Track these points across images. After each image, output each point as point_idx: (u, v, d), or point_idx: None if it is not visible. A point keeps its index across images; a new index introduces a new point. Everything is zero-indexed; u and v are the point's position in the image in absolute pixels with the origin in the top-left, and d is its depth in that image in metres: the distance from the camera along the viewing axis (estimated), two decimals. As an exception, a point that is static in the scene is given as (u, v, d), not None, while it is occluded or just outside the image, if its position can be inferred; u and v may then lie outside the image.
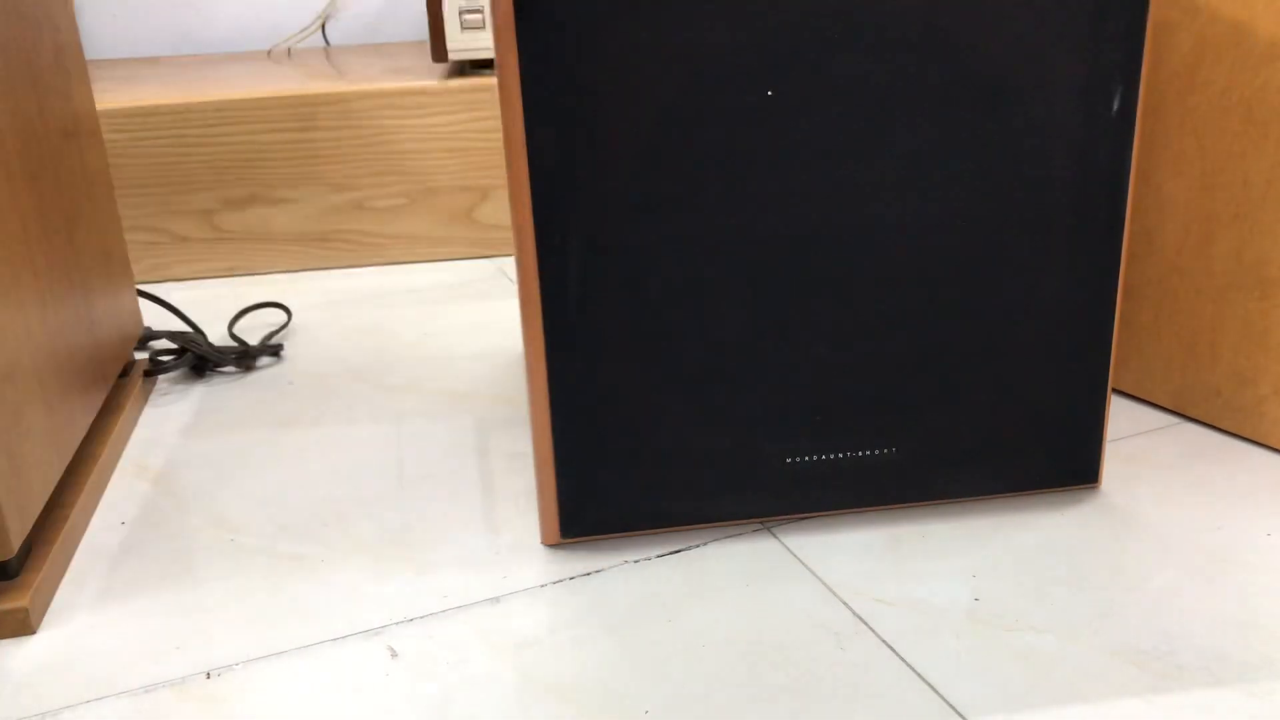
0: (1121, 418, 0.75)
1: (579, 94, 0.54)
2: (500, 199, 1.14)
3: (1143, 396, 0.77)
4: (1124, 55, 0.57)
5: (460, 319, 0.99)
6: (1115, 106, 0.58)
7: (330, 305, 1.04)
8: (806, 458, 0.62)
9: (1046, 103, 0.57)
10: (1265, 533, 0.61)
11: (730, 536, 0.63)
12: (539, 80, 0.53)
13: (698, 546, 0.62)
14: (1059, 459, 0.64)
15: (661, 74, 0.54)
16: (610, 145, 0.55)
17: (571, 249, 0.56)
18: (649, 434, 0.60)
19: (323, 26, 1.51)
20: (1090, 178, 0.59)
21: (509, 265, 1.14)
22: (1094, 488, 0.66)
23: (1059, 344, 0.61)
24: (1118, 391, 0.78)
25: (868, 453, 0.62)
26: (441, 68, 1.21)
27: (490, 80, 1.11)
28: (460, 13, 1.08)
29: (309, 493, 0.69)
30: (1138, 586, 0.57)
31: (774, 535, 0.62)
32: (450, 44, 1.10)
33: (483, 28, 1.10)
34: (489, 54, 1.11)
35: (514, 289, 1.06)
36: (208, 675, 0.53)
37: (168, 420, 0.81)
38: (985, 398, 0.62)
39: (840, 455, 0.62)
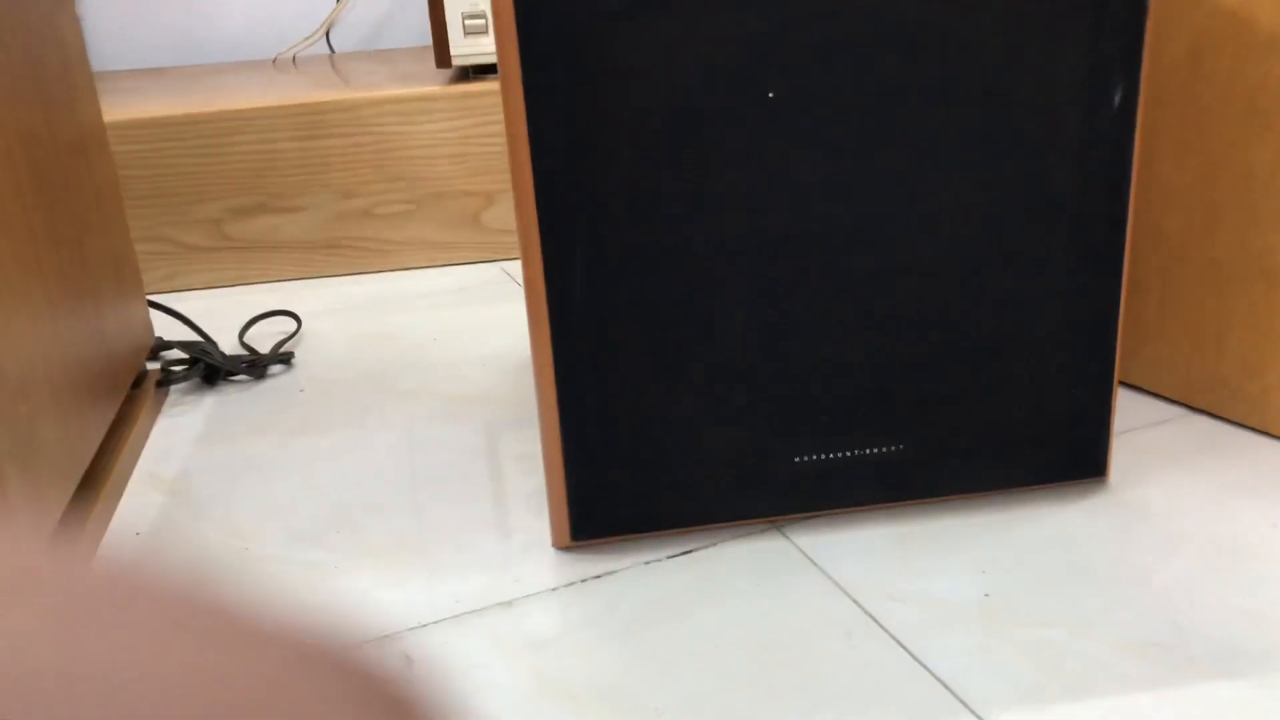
0: (1129, 410, 0.75)
1: (581, 98, 0.54)
2: (506, 203, 1.15)
3: (1150, 388, 0.77)
4: (1125, 48, 0.57)
5: (468, 323, 1.00)
6: (1117, 99, 0.58)
7: (340, 312, 1.05)
8: (815, 456, 0.62)
9: (1049, 97, 0.57)
10: (1274, 524, 0.61)
11: (741, 536, 0.63)
12: (541, 85, 0.54)
13: (708, 547, 0.62)
14: (1067, 453, 0.64)
15: (663, 77, 0.54)
16: (613, 148, 0.55)
17: (577, 252, 0.57)
18: (658, 435, 0.61)
19: (327, 34, 1.51)
20: (1094, 170, 0.59)
21: (515, 269, 1.14)
22: (1102, 481, 0.66)
23: (1065, 337, 0.61)
24: (1125, 384, 0.78)
25: (876, 450, 0.62)
26: (445, 73, 1.21)
27: (494, 85, 1.11)
28: (463, 18, 1.09)
29: (321, 500, 0.70)
30: (1147, 579, 0.57)
31: (784, 534, 0.63)
32: (453, 49, 1.10)
33: (485, 32, 1.10)
34: (492, 59, 1.11)
35: (520, 293, 1.07)
36: (224, 683, 0.54)
37: (180, 430, 0.81)
38: (992, 393, 0.62)
39: (849, 453, 0.62)
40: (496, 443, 0.76)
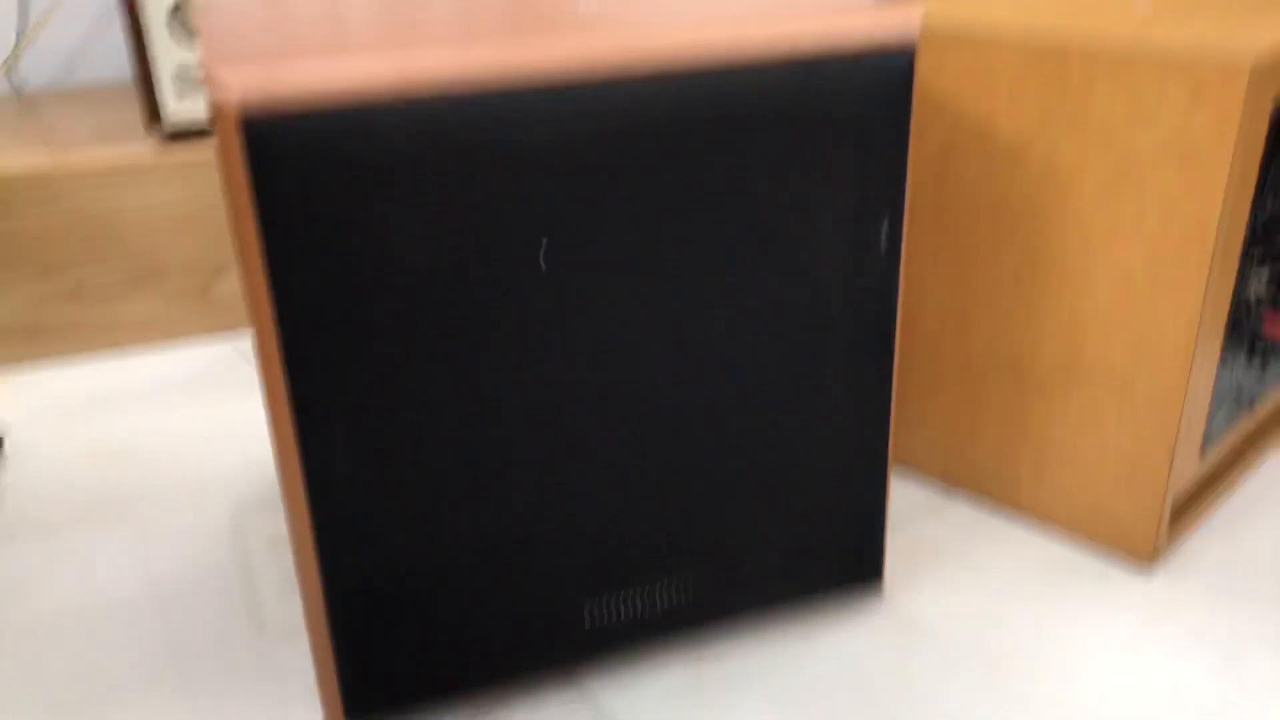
0: (900, 495, 0.77)
1: (332, 256, 0.49)
2: (234, 275, 1.05)
3: (919, 467, 0.79)
4: (888, 188, 0.57)
5: (205, 423, 0.90)
6: (884, 233, 0.58)
7: (51, 413, 0.92)
8: (603, 605, 0.59)
9: (818, 237, 0.57)
10: (1037, 626, 0.64)
11: (534, 694, 0.60)
12: (285, 250, 0.48)
13: (499, 712, 0.59)
14: (846, 563, 0.65)
15: (424, 241, 0.50)
16: (374, 314, 0.50)
17: (335, 424, 0.51)
18: (437, 595, 0.56)
19: (10, 70, 1.33)
20: (863, 299, 0.59)
21: (248, 347, 1.05)
22: (879, 586, 0.67)
23: (840, 456, 0.62)
24: (898, 460, 0.80)
25: (663, 591, 0.61)
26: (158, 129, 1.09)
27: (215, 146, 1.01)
28: (177, 74, 0.98)
29: (39, 691, 0.61)
30: (927, 707, 0.58)
31: (579, 687, 0.60)
32: (166, 110, 0.99)
33: (202, 89, 0.99)
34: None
35: (256, 374, 0.98)
36: None
37: None
38: (772, 517, 0.62)
39: (637, 599, 0.60)
40: (257, 589, 0.69)
